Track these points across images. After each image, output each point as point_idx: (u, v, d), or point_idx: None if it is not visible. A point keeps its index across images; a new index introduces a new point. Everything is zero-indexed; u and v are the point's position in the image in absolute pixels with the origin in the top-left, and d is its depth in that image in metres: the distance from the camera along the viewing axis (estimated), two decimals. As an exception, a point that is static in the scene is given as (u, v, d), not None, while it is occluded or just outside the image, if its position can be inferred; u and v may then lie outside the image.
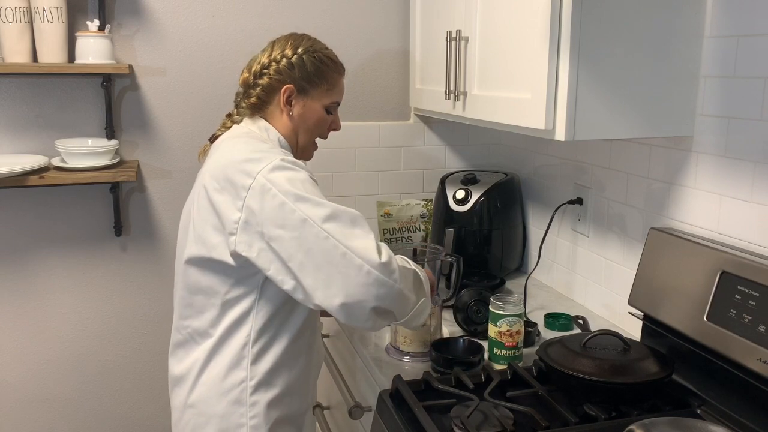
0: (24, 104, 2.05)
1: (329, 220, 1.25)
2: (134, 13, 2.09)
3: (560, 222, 2.04)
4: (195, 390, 1.40)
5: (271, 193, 1.26)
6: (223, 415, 1.37)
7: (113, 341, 2.25)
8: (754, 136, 1.34)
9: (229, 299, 1.35)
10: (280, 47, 1.47)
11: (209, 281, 1.36)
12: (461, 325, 1.72)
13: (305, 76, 1.45)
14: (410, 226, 2.28)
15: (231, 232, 1.29)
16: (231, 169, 1.30)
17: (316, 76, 1.46)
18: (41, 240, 2.13)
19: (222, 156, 1.35)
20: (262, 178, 1.27)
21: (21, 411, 2.20)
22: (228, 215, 1.29)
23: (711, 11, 1.43)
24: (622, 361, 1.32)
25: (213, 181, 1.33)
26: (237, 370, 1.36)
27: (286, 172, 1.28)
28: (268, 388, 1.38)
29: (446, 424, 1.25)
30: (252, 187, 1.27)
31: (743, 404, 1.27)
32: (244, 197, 1.27)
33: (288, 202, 1.25)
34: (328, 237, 1.24)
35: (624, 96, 1.44)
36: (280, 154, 1.32)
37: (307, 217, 1.24)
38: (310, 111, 1.48)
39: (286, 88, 1.44)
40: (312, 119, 1.48)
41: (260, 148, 1.34)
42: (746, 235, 1.37)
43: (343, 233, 1.25)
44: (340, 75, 1.51)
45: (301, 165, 1.34)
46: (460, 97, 1.83)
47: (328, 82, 1.48)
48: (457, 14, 1.85)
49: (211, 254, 1.33)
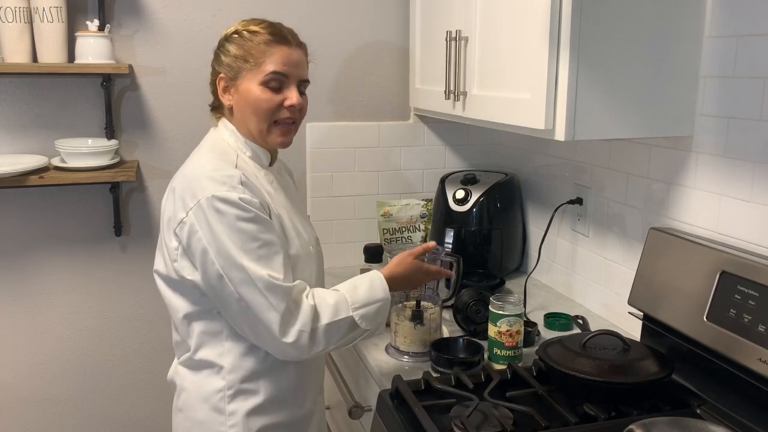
0: (24, 104, 2.05)
1: (243, 284, 1.26)
2: (134, 12, 2.09)
3: (560, 222, 2.04)
4: (182, 395, 1.42)
5: (197, 236, 1.27)
6: (203, 422, 1.37)
7: (113, 341, 2.25)
8: (753, 136, 1.34)
9: (196, 312, 1.36)
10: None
11: (172, 297, 1.38)
12: (461, 325, 1.72)
13: (231, 60, 1.37)
14: (410, 226, 2.28)
15: (173, 259, 1.32)
16: (179, 191, 1.32)
17: (240, 56, 1.36)
18: (41, 240, 2.13)
19: (183, 173, 1.36)
20: (192, 216, 1.27)
21: (21, 411, 2.20)
22: (168, 243, 1.33)
23: (711, 11, 1.43)
24: (622, 361, 1.32)
25: (170, 202, 1.35)
26: (215, 379, 1.36)
27: (214, 214, 1.26)
28: (248, 397, 1.36)
29: (446, 424, 1.24)
30: (183, 221, 1.29)
31: (743, 404, 1.27)
32: (174, 229, 1.30)
33: (209, 252, 1.26)
34: (240, 299, 1.26)
35: (624, 96, 1.44)
36: (219, 183, 1.27)
37: (224, 275, 1.26)
38: (244, 93, 1.37)
39: (219, 79, 1.40)
40: (250, 100, 1.36)
41: (208, 170, 1.31)
42: (746, 235, 1.37)
43: (254, 301, 1.26)
44: (270, 45, 1.36)
45: (239, 192, 1.27)
46: (460, 97, 1.83)
47: (254, 56, 1.36)
48: (457, 14, 1.85)
49: (169, 273, 1.36)
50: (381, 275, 1.40)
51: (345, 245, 2.35)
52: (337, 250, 2.34)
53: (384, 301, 1.37)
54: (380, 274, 1.40)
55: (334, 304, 1.32)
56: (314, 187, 2.31)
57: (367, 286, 1.37)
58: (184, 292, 1.35)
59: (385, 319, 1.39)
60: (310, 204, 2.31)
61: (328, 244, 2.31)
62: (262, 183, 1.39)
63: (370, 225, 2.34)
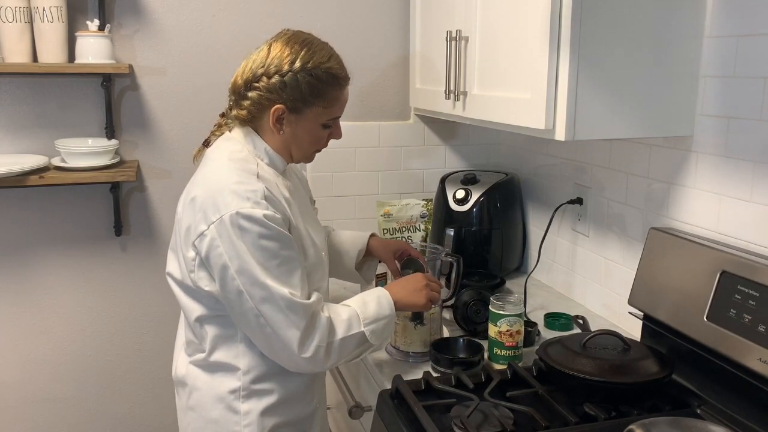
0: (24, 104, 2.05)
1: (264, 302, 1.26)
2: (134, 12, 2.09)
3: (560, 222, 2.04)
4: (194, 394, 1.41)
5: (218, 251, 1.26)
6: (217, 421, 1.37)
7: (113, 341, 2.25)
8: (753, 136, 1.34)
9: (210, 315, 1.36)
10: (276, 57, 1.33)
11: (187, 301, 1.37)
12: (461, 325, 1.72)
13: (299, 96, 1.33)
14: (410, 226, 2.28)
15: (190, 270, 1.32)
16: (199, 203, 1.29)
17: (312, 95, 1.34)
18: (41, 240, 2.13)
19: (203, 183, 1.33)
20: (214, 230, 1.26)
21: (21, 411, 2.20)
22: (185, 252, 1.32)
23: (711, 11, 1.43)
24: (622, 361, 1.32)
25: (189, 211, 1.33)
26: (230, 379, 1.37)
27: (237, 231, 1.25)
28: (262, 397, 1.37)
29: (446, 424, 1.24)
30: (204, 234, 1.28)
31: (743, 404, 1.27)
32: (193, 241, 1.29)
33: (230, 268, 1.26)
34: (259, 315, 1.27)
35: (624, 96, 1.44)
36: (243, 199, 1.26)
37: (244, 291, 1.26)
38: (303, 130, 1.38)
39: (276, 108, 1.33)
40: (307, 138, 1.39)
41: (232, 183, 1.28)
42: (746, 235, 1.37)
43: (275, 318, 1.27)
44: (340, 89, 1.39)
45: (263, 209, 1.26)
46: (460, 97, 1.83)
47: (326, 100, 1.36)
48: (457, 14, 1.85)
49: (184, 280, 1.35)
50: (387, 292, 1.44)
51: (345, 245, 2.35)
52: (337, 250, 2.34)
53: (390, 318, 1.41)
54: (386, 292, 1.44)
55: (348, 319, 1.35)
56: (314, 187, 2.30)
57: (375, 303, 1.40)
58: (198, 298, 1.35)
59: (389, 337, 1.44)
60: (310, 204, 2.31)
61: (328, 244, 2.32)
62: (282, 191, 1.37)
63: (370, 225, 2.34)
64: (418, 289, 1.48)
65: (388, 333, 1.42)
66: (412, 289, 1.47)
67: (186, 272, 1.33)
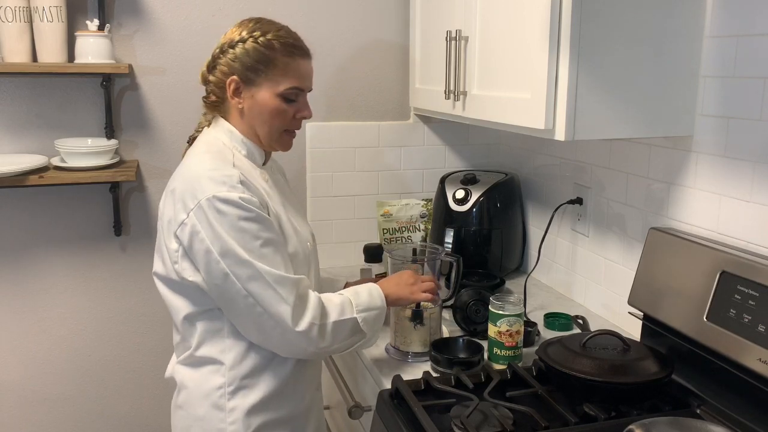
0: (23, 104, 2.05)
1: (251, 280, 1.27)
2: (134, 12, 2.09)
3: (560, 222, 2.04)
4: (182, 392, 1.42)
5: (199, 237, 1.27)
6: (204, 418, 1.38)
7: (113, 341, 2.25)
8: (753, 136, 1.34)
9: (197, 312, 1.36)
10: (228, 35, 1.40)
11: (173, 299, 1.38)
12: (461, 325, 1.72)
13: (249, 64, 1.37)
14: (410, 226, 2.27)
15: (174, 261, 1.33)
16: (178, 193, 1.31)
17: (261, 63, 1.36)
18: (41, 240, 2.13)
19: (181, 175, 1.35)
20: (193, 217, 1.27)
21: (21, 411, 2.20)
22: (168, 245, 1.33)
23: (711, 11, 1.43)
24: (622, 361, 1.32)
25: (169, 204, 1.35)
26: (215, 376, 1.37)
27: (215, 214, 1.26)
28: (247, 393, 1.37)
29: (446, 424, 1.24)
30: (184, 223, 1.29)
31: (743, 404, 1.27)
32: (174, 231, 1.30)
33: (213, 252, 1.26)
34: (248, 296, 1.27)
35: (624, 96, 1.44)
36: (219, 183, 1.27)
37: (230, 273, 1.26)
38: (261, 102, 1.38)
39: (231, 80, 1.38)
40: (266, 110, 1.39)
41: (206, 170, 1.30)
42: (746, 235, 1.37)
43: (263, 295, 1.27)
44: (293, 58, 1.39)
45: (239, 192, 1.28)
46: (460, 97, 1.83)
47: (277, 67, 1.37)
48: (456, 14, 1.85)
49: (169, 275, 1.36)
50: (378, 286, 1.46)
51: (345, 245, 2.35)
52: (337, 250, 2.34)
53: (381, 310, 1.43)
54: (377, 286, 1.47)
55: (340, 304, 1.37)
56: (314, 187, 2.31)
57: (367, 293, 1.43)
58: (184, 293, 1.36)
59: (380, 329, 1.45)
60: (309, 204, 2.31)
61: (328, 244, 2.31)
62: (258, 181, 1.39)
63: (369, 225, 2.34)
64: (408, 284, 1.50)
65: (379, 325, 1.43)
66: (403, 284, 1.50)
67: (170, 265, 1.34)
